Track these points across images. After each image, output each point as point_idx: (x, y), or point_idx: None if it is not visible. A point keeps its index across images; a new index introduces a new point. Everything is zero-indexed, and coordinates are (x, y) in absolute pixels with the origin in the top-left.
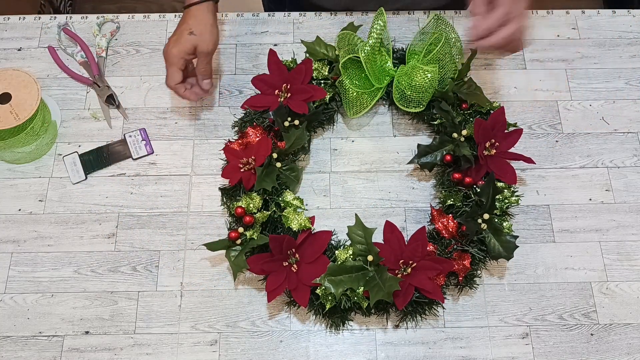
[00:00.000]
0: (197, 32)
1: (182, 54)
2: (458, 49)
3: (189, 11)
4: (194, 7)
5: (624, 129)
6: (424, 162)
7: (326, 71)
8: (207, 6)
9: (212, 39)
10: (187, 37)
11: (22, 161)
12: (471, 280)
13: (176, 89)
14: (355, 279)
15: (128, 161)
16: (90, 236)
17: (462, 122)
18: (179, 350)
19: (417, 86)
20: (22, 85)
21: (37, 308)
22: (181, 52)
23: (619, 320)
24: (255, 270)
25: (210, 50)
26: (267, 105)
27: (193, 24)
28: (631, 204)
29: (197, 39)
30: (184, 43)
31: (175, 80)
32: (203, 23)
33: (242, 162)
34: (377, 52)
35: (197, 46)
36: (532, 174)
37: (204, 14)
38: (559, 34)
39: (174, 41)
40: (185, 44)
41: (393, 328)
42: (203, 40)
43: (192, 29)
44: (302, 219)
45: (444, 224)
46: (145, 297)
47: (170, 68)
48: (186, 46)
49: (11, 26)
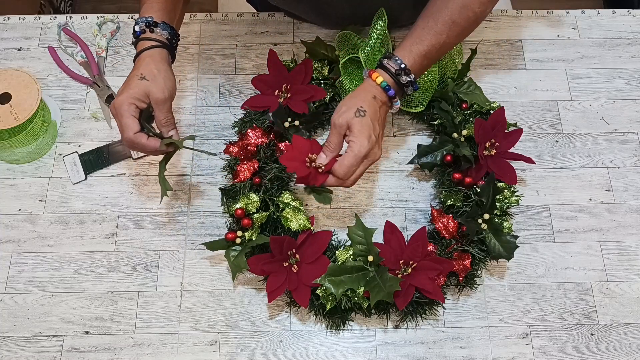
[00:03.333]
0: (149, 77)
1: (130, 99)
2: (458, 49)
3: (139, 59)
4: (145, 52)
5: (624, 129)
6: (424, 162)
7: (326, 71)
8: (159, 52)
9: (167, 85)
10: (137, 82)
11: (22, 161)
12: (471, 280)
13: (136, 140)
14: (355, 279)
15: (128, 161)
16: (90, 236)
17: (462, 122)
18: (179, 350)
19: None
20: (22, 85)
21: (37, 308)
22: (130, 97)
23: (619, 320)
24: (256, 270)
25: (166, 97)
26: (267, 105)
27: (144, 69)
28: (631, 204)
29: (148, 84)
30: (133, 88)
31: (132, 128)
32: (156, 68)
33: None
34: (377, 53)
35: (149, 93)
36: (532, 174)
37: (156, 60)
38: (559, 34)
39: (120, 90)
40: (135, 89)
41: (393, 328)
42: (156, 86)
43: (143, 73)
44: (301, 219)
45: (444, 224)
46: (145, 297)
47: (122, 119)
48: (135, 91)
49: (11, 26)
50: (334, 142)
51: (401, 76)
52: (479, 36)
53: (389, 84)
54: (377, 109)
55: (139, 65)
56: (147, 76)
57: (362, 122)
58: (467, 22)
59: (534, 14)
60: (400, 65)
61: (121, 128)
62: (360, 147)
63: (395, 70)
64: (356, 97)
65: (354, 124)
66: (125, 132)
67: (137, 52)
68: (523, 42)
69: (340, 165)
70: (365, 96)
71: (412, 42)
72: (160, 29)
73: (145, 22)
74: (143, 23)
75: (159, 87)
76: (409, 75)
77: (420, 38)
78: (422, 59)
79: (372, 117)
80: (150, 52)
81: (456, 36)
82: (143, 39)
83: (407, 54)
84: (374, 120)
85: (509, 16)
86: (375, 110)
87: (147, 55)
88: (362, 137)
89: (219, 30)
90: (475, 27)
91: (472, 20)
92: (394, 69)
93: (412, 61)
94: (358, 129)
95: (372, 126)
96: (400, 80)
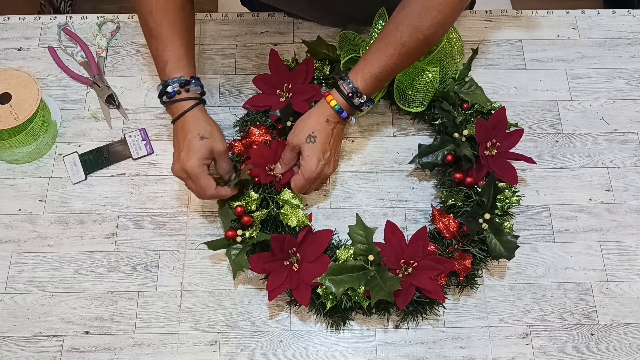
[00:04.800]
0: (207, 135)
1: (202, 161)
2: (459, 49)
3: (185, 120)
4: (189, 113)
5: (624, 129)
6: (425, 162)
7: (327, 71)
8: (200, 109)
9: (222, 136)
10: (200, 143)
11: (22, 161)
12: (472, 280)
13: (219, 194)
14: (356, 278)
15: (128, 161)
16: (90, 236)
17: (463, 122)
18: (179, 350)
19: (419, 86)
20: (22, 85)
21: (37, 308)
22: (200, 159)
23: (619, 320)
24: (257, 269)
25: (226, 148)
26: (269, 105)
27: (198, 129)
28: (631, 204)
29: (210, 142)
30: (199, 150)
31: (212, 186)
32: (208, 124)
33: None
34: None
35: (212, 149)
36: (532, 174)
37: (201, 115)
38: (559, 34)
39: (185, 154)
40: (201, 151)
41: (393, 328)
42: (216, 140)
43: (200, 133)
44: (299, 216)
45: (445, 224)
46: (145, 297)
47: (200, 181)
48: (202, 152)
49: (11, 26)
50: (288, 158)
51: (353, 98)
52: (479, 36)
53: (341, 107)
54: (329, 132)
55: (190, 127)
56: (205, 135)
57: (311, 147)
58: (416, 44)
59: (534, 14)
60: (352, 89)
61: (201, 189)
62: (309, 171)
63: (347, 92)
64: (310, 118)
65: (304, 149)
66: (208, 191)
67: (178, 114)
68: (523, 42)
69: (295, 184)
70: (318, 119)
71: (364, 65)
72: (194, 86)
73: (179, 83)
74: (177, 84)
75: (219, 141)
76: (361, 97)
77: (372, 60)
78: (374, 81)
79: (323, 142)
80: (195, 112)
81: (407, 58)
82: (178, 100)
83: (359, 76)
84: (324, 144)
85: (509, 16)
86: (327, 133)
87: (193, 115)
88: (310, 162)
89: (219, 30)
90: (427, 48)
91: (422, 42)
92: (346, 91)
93: (364, 84)
94: (307, 154)
95: (322, 150)
96: (353, 102)
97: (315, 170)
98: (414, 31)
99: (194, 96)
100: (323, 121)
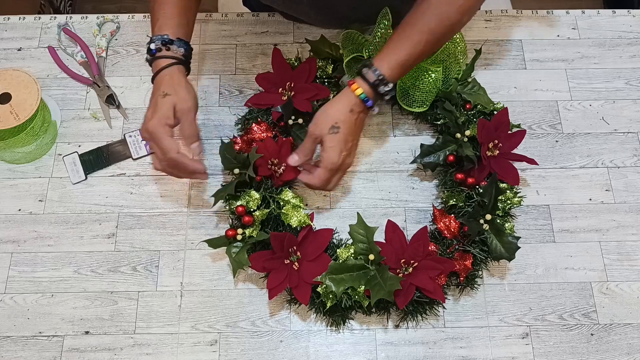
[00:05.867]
0: (171, 92)
1: (162, 120)
2: (462, 49)
3: (159, 77)
4: (164, 71)
5: (624, 129)
6: (426, 162)
7: (330, 70)
8: (177, 69)
9: (190, 96)
10: (162, 100)
11: (22, 161)
12: (472, 281)
13: (180, 159)
14: (356, 277)
15: (128, 161)
16: (90, 236)
17: (466, 122)
18: (179, 351)
19: (421, 86)
20: (22, 85)
21: (37, 308)
22: (161, 118)
23: (619, 320)
24: (257, 267)
25: (190, 107)
26: (271, 103)
27: (165, 87)
28: (631, 204)
29: (172, 98)
30: (160, 108)
31: (174, 148)
32: (176, 83)
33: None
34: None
35: (175, 106)
36: (532, 174)
37: (175, 76)
38: (559, 34)
39: (150, 113)
40: (162, 109)
41: (393, 328)
42: (180, 98)
43: (164, 90)
44: (301, 216)
45: (446, 224)
46: (145, 297)
47: (161, 142)
48: (163, 110)
49: (11, 26)
50: (307, 149)
51: (379, 86)
52: (479, 36)
53: (367, 96)
54: (352, 122)
55: (160, 84)
56: (169, 91)
57: (334, 138)
58: (444, 31)
59: (534, 14)
60: (379, 77)
61: (162, 151)
62: (330, 162)
63: (373, 81)
64: (333, 107)
65: (327, 140)
66: (169, 154)
67: (155, 72)
68: (523, 42)
69: (317, 177)
70: (342, 109)
71: (390, 52)
72: (176, 46)
73: (161, 41)
74: (159, 41)
75: (182, 98)
76: (387, 85)
77: (398, 47)
78: (400, 68)
79: (346, 133)
80: (169, 70)
81: (433, 45)
82: (159, 57)
83: (385, 64)
84: (347, 135)
85: (509, 16)
86: (350, 124)
87: (166, 73)
88: (333, 153)
89: (219, 30)
90: (451, 36)
91: (448, 29)
92: (372, 79)
93: (390, 71)
94: (330, 145)
95: (345, 141)
96: (378, 91)
97: (337, 161)
98: (442, 17)
99: (174, 56)
100: (347, 111)
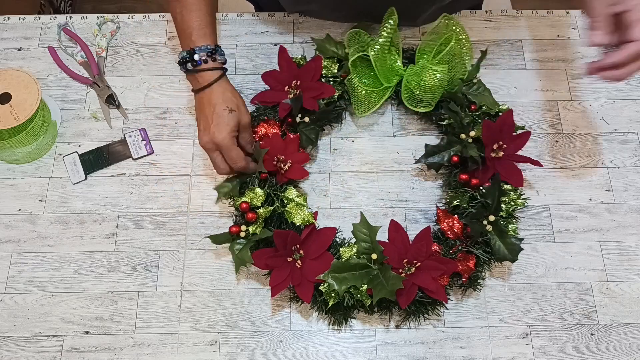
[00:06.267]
0: (235, 108)
1: (232, 134)
2: (468, 50)
3: (212, 91)
4: (215, 84)
5: (624, 129)
6: (431, 162)
7: (335, 69)
8: (225, 80)
9: (247, 108)
10: (229, 116)
11: (22, 161)
12: (475, 282)
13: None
14: (358, 276)
15: (128, 161)
16: (90, 236)
17: (470, 123)
18: (179, 351)
19: (426, 86)
20: (22, 85)
21: (37, 308)
22: (231, 131)
23: (619, 320)
24: (260, 265)
25: (249, 120)
26: (277, 101)
27: (226, 102)
28: (631, 204)
29: (237, 114)
30: (229, 123)
31: (242, 155)
32: (234, 96)
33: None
34: (386, 51)
35: (240, 121)
36: (532, 174)
37: (228, 87)
38: (559, 34)
39: (216, 127)
40: (231, 123)
41: (394, 328)
42: (243, 113)
43: (228, 106)
44: (304, 214)
45: (450, 225)
46: (145, 297)
47: (231, 152)
48: (232, 125)
49: (11, 26)
50: (600, 13)
51: None
52: (479, 36)
53: None
54: None
55: (218, 99)
56: (233, 107)
57: None
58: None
59: (534, 14)
60: None
61: (233, 160)
62: None
63: None
64: None
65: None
66: (239, 162)
67: (204, 84)
68: (523, 42)
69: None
70: None
71: None
72: (219, 55)
73: (207, 52)
74: (204, 53)
75: (245, 114)
76: None
77: None
78: None
79: None
80: (221, 83)
81: None
82: (204, 69)
83: None
84: None
85: (509, 16)
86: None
87: (220, 86)
88: None
89: (219, 30)
90: None
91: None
92: None
93: None
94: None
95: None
96: None
97: None
98: None
99: (219, 66)
100: None
